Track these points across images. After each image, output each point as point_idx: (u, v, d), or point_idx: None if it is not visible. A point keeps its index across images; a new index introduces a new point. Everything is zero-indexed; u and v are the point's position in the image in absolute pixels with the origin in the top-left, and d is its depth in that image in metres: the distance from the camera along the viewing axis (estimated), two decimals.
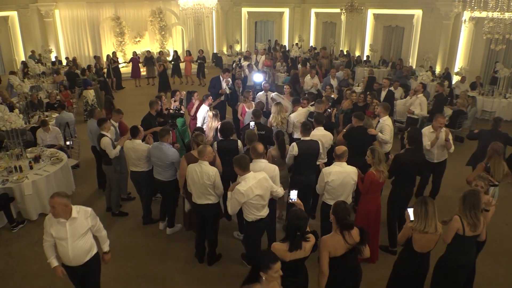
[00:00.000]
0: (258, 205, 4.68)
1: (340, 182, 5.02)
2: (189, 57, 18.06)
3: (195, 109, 8.15)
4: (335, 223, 3.84)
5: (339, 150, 5.09)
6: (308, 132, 5.95)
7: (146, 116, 7.13)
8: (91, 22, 20.08)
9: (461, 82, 13.41)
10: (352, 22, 19.64)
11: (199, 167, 5.03)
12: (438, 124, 6.73)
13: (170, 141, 5.84)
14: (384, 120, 6.95)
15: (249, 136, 5.66)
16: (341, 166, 5.07)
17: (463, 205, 4.10)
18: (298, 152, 5.78)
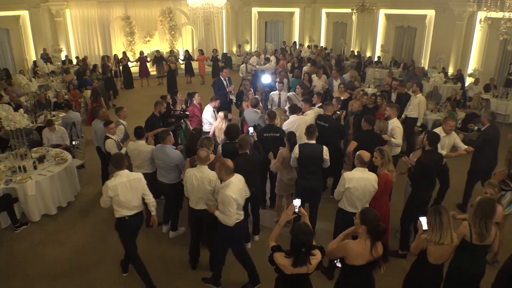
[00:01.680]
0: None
1: (361, 188, 4.87)
2: (202, 56, 18.04)
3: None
4: (365, 232, 3.64)
5: (366, 157, 4.89)
6: (312, 135, 5.77)
7: (149, 117, 7.04)
8: (101, 21, 20.10)
9: (475, 84, 13.11)
10: (363, 22, 19.40)
11: (199, 172, 4.90)
12: (448, 127, 6.52)
13: (172, 142, 5.72)
14: (393, 122, 6.79)
15: (240, 142, 5.45)
16: (363, 172, 4.91)
17: (475, 212, 3.95)
18: (299, 155, 5.65)
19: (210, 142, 5.35)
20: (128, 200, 4.72)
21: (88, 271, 5.64)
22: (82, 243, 6.21)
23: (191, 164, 5.34)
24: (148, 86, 17.48)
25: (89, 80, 12.75)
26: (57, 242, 6.30)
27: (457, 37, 15.85)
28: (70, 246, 6.19)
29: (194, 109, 8.15)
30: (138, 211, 4.92)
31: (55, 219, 6.89)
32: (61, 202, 7.03)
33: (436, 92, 12.10)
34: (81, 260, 5.86)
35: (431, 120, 10.20)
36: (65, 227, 6.72)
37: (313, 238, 3.55)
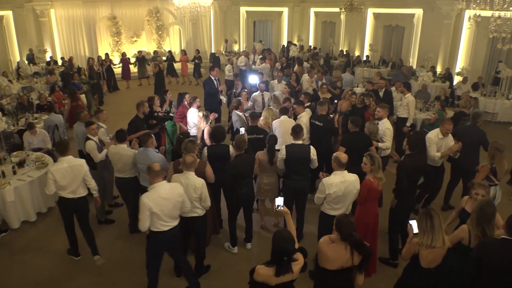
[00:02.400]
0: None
1: (342, 192, 4.72)
2: (184, 57, 17.78)
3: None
4: (338, 239, 3.54)
5: (343, 158, 4.74)
6: (298, 135, 5.64)
7: (133, 119, 6.83)
8: (87, 21, 19.80)
9: (463, 82, 13.08)
10: (352, 21, 19.33)
11: (184, 179, 4.72)
12: (445, 130, 6.48)
13: (154, 145, 5.55)
14: (384, 124, 6.66)
15: (238, 143, 5.36)
16: (342, 175, 4.75)
17: (477, 217, 3.82)
18: (286, 156, 5.50)
19: (194, 146, 5.17)
20: (68, 184, 5.15)
21: (70, 279, 5.45)
22: (64, 251, 5.99)
23: (174, 169, 5.16)
24: (135, 88, 17.11)
25: (79, 84, 12.21)
26: (38, 250, 6.09)
27: (445, 35, 15.87)
28: (51, 254, 5.99)
29: (184, 110, 7.96)
30: (80, 195, 5.33)
31: (35, 226, 6.67)
32: (41, 208, 6.80)
33: (425, 91, 12.05)
34: (62, 268, 5.67)
35: (420, 119, 10.14)
36: (46, 234, 6.50)
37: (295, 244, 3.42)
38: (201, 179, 4.76)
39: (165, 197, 4.34)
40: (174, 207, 4.43)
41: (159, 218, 4.36)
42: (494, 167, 5.55)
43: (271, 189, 5.94)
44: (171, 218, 4.47)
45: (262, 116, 7.10)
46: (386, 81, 10.20)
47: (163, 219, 4.38)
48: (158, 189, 4.35)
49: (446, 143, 6.55)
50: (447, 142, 6.55)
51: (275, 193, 5.97)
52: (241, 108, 7.67)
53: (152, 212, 4.27)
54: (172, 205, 4.40)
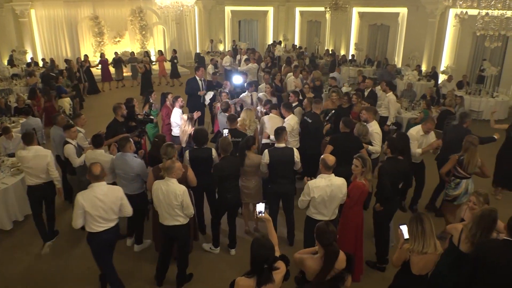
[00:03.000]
0: None
1: (328, 196, 4.55)
2: (161, 57, 17.37)
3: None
4: (320, 248, 3.40)
5: (330, 161, 4.55)
6: (280, 138, 5.47)
7: (111, 123, 6.57)
8: (68, 22, 19.45)
9: (448, 81, 13.08)
10: (337, 20, 19.35)
11: (165, 185, 4.51)
12: (426, 128, 6.51)
13: (133, 150, 5.32)
14: (372, 127, 6.47)
15: (223, 146, 5.18)
16: (328, 178, 4.57)
17: (477, 224, 3.67)
18: (270, 160, 5.33)
19: (174, 150, 4.96)
20: (33, 171, 5.48)
21: None
22: (41, 261, 5.76)
23: (154, 175, 4.96)
24: (115, 90, 16.69)
25: (63, 88, 11.62)
26: (14, 260, 5.82)
27: (430, 34, 15.89)
28: (27, 264, 5.72)
29: (166, 111, 7.76)
30: (45, 181, 5.60)
31: (11, 235, 6.38)
32: (18, 216, 6.51)
33: (410, 90, 12.01)
34: (39, 280, 5.40)
35: (405, 118, 10.08)
36: (22, 243, 6.22)
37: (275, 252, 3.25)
38: (183, 186, 4.55)
39: (101, 199, 4.30)
40: (109, 210, 4.38)
41: (92, 218, 4.32)
42: (461, 159, 5.56)
43: (251, 193, 5.73)
44: (105, 220, 4.39)
45: (240, 117, 6.90)
46: (372, 81, 10.11)
47: (96, 220, 4.33)
48: (95, 189, 4.32)
49: (427, 140, 6.54)
50: (428, 140, 6.54)
51: (256, 198, 5.77)
52: (230, 111, 7.47)
53: (85, 211, 4.25)
54: (108, 207, 4.35)
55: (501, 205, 6.84)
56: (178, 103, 7.44)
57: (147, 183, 5.06)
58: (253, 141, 5.61)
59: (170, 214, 4.58)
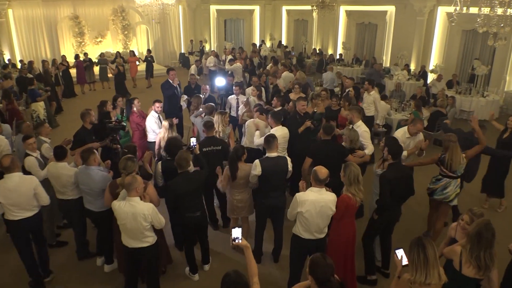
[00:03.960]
0: None
1: (316, 212, 4.10)
2: (134, 58, 16.70)
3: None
4: (314, 284, 2.90)
5: (322, 174, 4.09)
6: (271, 146, 4.95)
7: (79, 131, 6.01)
8: (47, 21, 18.81)
9: (438, 80, 12.78)
10: (324, 19, 19.05)
11: (129, 207, 3.97)
12: (415, 130, 6.09)
13: (97, 162, 4.82)
14: (359, 127, 6.08)
15: (178, 161, 4.57)
16: (319, 192, 4.10)
17: (477, 244, 3.28)
18: (262, 172, 4.84)
19: (134, 164, 4.42)
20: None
21: None
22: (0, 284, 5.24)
23: (110, 191, 4.43)
24: (90, 92, 15.94)
25: (37, 91, 10.76)
26: None
27: (418, 33, 15.59)
28: None
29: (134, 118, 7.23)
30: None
31: None
32: None
33: (399, 90, 11.66)
34: None
35: (396, 120, 9.70)
36: None
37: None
38: (149, 204, 4.07)
39: (12, 189, 4.41)
40: (24, 199, 4.50)
41: (7, 208, 4.49)
42: (443, 157, 5.36)
43: (245, 206, 5.27)
44: (21, 209, 4.53)
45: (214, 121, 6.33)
46: (352, 81, 9.78)
47: (10, 209, 4.49)
48: (6, 181, 4.44)
49: (413, 143, 6.13)
50: (415, 142, 6.13)
51: (249, 210, 5.35)
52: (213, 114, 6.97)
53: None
54: (21, 197, 4.48)
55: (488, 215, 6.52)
56: (156, 106, 6.93)
57: (104, 200, 4.57)
58: (242, 150, 5.14)
59: (138, 237, 4.09)
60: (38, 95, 10.60)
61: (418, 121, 6.17)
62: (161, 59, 21.58)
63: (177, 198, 4.58)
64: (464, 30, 14.36)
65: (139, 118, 7.11)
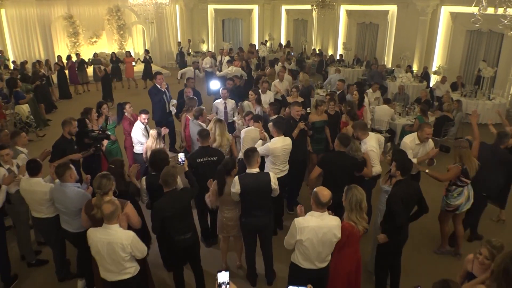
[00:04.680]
0: None
1: (318, 240, 3.59)
2: (130, 58, 16.21)
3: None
4: None
5: (323, 196, 3.57)
6: (251, 162, 4.47)
7: (58, 141, 5.52)
8: (41, 21, 18.45)
9: (442, 82, 12.31)
10: (324, 19, 18.64)
11: (106, 235, 3.51)
12: (425, 135, 5.59)
13: (74, 178, 4.35)
14: (366, 143, 5.46)
15: (163, 177, 4.07)
16: (321, 217, 3.59)
17: (505, 282, 2.85)
18: (241, 189, 4.37)
19: (110, 182, 3.91)
20: None
21: None
22: None
23: (87, 212, 3.94)
24: (87, 93, 15.51)
25: (21, 93, 10.28)
26: None
27: (421, 33, 15.14)
28: None
29: (125, 125, 6.78)
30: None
31: None
32: None
33: (403, 93, 11.21)
34: None
35: (400, 125, 9.23)
36: None
37: None
38: (129, 232, 3.59)
39: None
40: None
41: None
42: (465, 168, 5.05)
43: (235, 225, 4.80)
44: None
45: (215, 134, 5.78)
46: (343, 83, 9.33)
47: None
48: None
49: (424, 150, 5.68)
50: (426, 149, 5.68)
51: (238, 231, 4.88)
52: (202, 118, 6.47)
53: None
54: None
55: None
56: (142, 117, 6.41)
57: (81, 222, 4.11)
58: (232, 164, 4.67)
59: (117, 268, 3.61)
60: (22, 97, 10.13)
61: (425, 125, 5.67)
62: (157, 60, 21.15)
63: (164, 220, 4.08)
64: (469, 30, 13.94)
65: (130, 126, 6.61)
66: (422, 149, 5.68)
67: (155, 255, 5.27)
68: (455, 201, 5.20)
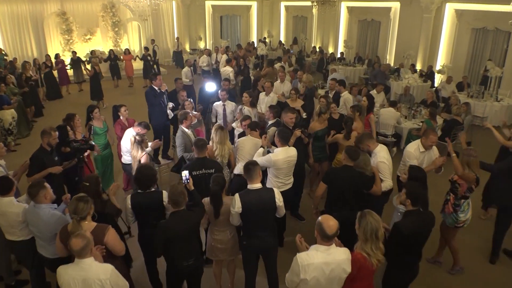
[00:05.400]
0: None
1: (326, 278, 3.11)
2: (128, 56, 15.73)
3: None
4: None
5: (330, 227, 3.06)
6: (252, 176, 3.96)
7: (36, 153, 4.96)
8: (33, 18, 17.84)
9: (447, 82, 11.86)
10: (325, 16, 18.16)
11: (79, 271, 3.00)
12: (429, 143, 5.19)
13: (50, 199, 3.82)
14: (376, 154, 4.99)
15: (173, 196, 3.63)
16: (327, 252, 3.10)
17: None
18: (242, 208, 3.88)
19: (87, 206, 3.41)
20: None
21: None
22: None
23: (61, 239, 3.43)
24: (75, 94, 14.91)
25: (6, 97, 9.35)
26: None
27: (425, 31, 14.67)
28: None
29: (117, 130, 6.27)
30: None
31: None
32: None
33: (408, 94, 10.73)
34: None
35: (406, 128, 8.74)
36: None
37: None
38: (107, 266, 3.10)
39: None
40: None
41: None
42: (478, 178, 4.75)
43: (226, 248, 4.31)
44: None
45: (214, 142, 5.29)
46: (335, 82, 8.78)
47: None
48: None
49: (429, 157, 5.28)
50: (430, 156, 5.29)
51: (233, 252, 4.40)
52: (187, 122, 5.87)
53: None
54: None
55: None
56: (139, 128, 5.83)
57: (56, 249, 3.60)
58: (223, 179, 4.18)
59: None
60: (6, 102, 9.29)
61: (430, 132, 5.25)
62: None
63: (168, 241, 3.63)
64: (474, 28, 13.49)
65: (122, 132, 6.10)
66: (427, 157, 5.29)
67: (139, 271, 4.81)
68: (465, 216, 4.82)
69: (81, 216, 3.33)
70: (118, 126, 6.30)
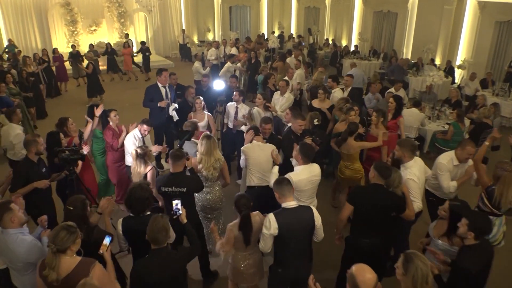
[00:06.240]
0: None
1: None
2: (127, 49, 15.04)
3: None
4: None
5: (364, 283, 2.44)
6: (285, 192, 3.38)
7: (20, 164, 4.41)
8: (37, 9, 17.35)
9: (471, 79, 11.13)
10: (338, 7, 17.51)
11: None
12: (465, 155, 4.54)
13: (18, 223, 3.20)
14: (407, 169, 4.29)
15: (152, 234, 2.99)
16: None
17: None
18: (279, 231, 3.30)
19: (71, 239, 2.80)
20: None
21: None
22: None
23: (40, 275, 2.82)
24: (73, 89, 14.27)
25: (7, 98, 8.57)
26: None
27: (445, 23, 13.90)
28: None
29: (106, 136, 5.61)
30: None
31: None
32: None
33: (431, 92, 9.99)
34: None
35: (430, 131, 8.01)
36: None
37: None
38: None
39: None
40: None
41: None
42: (492, 189, 4.20)
43: (257, 271, 3.76)
44: None
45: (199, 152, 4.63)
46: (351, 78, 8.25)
47: None
48: None
49: (462, 171, 4.67)
50: (464, 171, 4.67)
51: (262, 274, 3.85)
52: (197, 134, 5.23)
53: None
54: None
55: None
56: (143, 127, 5.38)
57: (37, 286, 2.95)
58: (249, 202, 3.58)
59: None
60: (8, 104, 8.38)
61: (468, 143, 4.58)
62: (161, 50, 20.09)
63: None
64: (498, 21, 12.69)
65: (112, 138, 5.52)
66: (460, 171, 4.67)
67: None
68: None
69: (59, 248, 2.74)
70: (108, 132, 5.60)
